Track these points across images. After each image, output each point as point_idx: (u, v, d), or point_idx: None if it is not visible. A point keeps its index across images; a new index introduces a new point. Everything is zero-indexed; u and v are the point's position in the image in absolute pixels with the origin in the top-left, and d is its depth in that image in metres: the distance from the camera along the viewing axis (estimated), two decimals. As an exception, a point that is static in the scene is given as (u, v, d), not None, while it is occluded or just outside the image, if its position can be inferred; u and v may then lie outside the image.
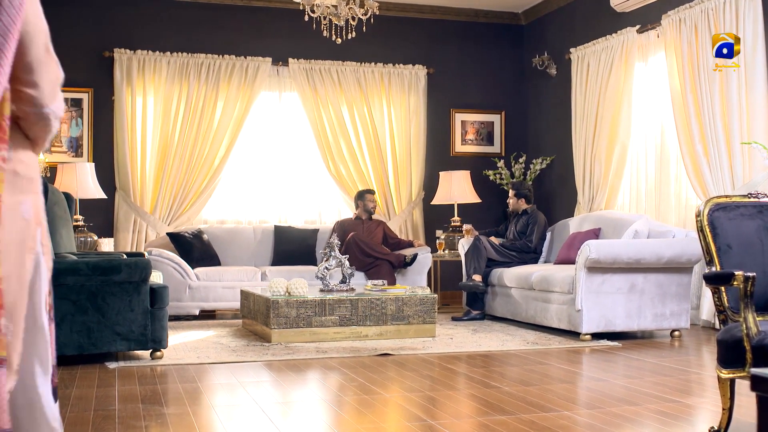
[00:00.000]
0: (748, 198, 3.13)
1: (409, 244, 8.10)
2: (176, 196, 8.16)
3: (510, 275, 6.85)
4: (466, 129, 9.27)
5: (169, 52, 8.20)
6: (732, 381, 2.85)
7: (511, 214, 7.74)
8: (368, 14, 6.64)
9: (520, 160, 9.05)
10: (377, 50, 8.82)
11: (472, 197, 8.57)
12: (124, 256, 5.17)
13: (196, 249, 7.62)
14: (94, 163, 7.79)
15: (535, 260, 7.40)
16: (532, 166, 8.94)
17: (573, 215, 8.09)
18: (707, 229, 2.98)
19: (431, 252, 8.08)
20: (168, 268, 7.11)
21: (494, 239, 7.42)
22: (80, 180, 7.42)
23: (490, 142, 9.34)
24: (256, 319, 6.16)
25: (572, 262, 6.34)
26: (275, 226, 8.27)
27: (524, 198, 7.56)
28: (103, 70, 8.12)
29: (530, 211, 7.53)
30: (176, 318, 7.11)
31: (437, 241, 8.52)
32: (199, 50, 8.32)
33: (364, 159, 8.72)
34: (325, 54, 8.55)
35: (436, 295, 6.18)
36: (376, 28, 7.74)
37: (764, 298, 2.99)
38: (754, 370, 2.16)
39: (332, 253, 6.27)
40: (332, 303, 5.84)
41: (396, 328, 5.95)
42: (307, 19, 6.76)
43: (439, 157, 9.09)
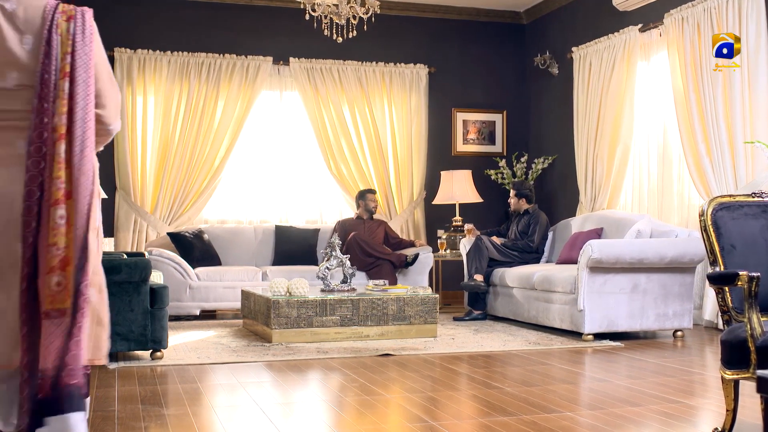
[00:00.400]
0: (752, 197, 3.11)
1: (411, 244, 8.08)
2: (177, 196, 8.15)
3: (512, 275, 6.83)
4: (467, 128, 9.25)
5: (169, 52, 8.19)
6: (736, 382, 2.82)
7: (513, 214, 7.71)
8: (369, 13, 6.62)
9: (522, 160, 9.03)
10: (378, 49, 8.80)
11: (473, 197, 8.54)
12: (125, 256, 5.14)
13: (196, 249, 7.61)
14: (95, 163, 7.77)
15: (537, 260, 7.38)
16: (533, 166, 8.91)
17: (575, 215, 8.07)
18: (711, 229, 2.96)
19: (432, 252, 8.06)
20: (168, 268, 7.10)
21: (496, 239, 7.40)
22: (81, 180, 7.39)
23: (492, 142, 9.32)
24: (256, 319, 6.14)
25: (574, 262, 6.31)
26: (276, 226, 8.25)
27: (525, 198, 7.54)
28: (104, 69, 8.10)
29: (532, 210, 7.51)
30: (177, 318, 7.09)
31: (439, 241, 8.49)
32: (200, 49, 8.30)
33: (366, 158, 8.70)
34: (326, 53, 8.52)
35: (437, 295, 6.16)
36: (378, 27, 7.72)
37: (769, 299, 2.97)
38: (761, 372, 2.14)
39: (333, 253, 6.25)
40: (333, 303, 5.82)
41: (397, 329, 5.93)
42: (308, 18, 6.73)
43: (441, 156, 9.07)
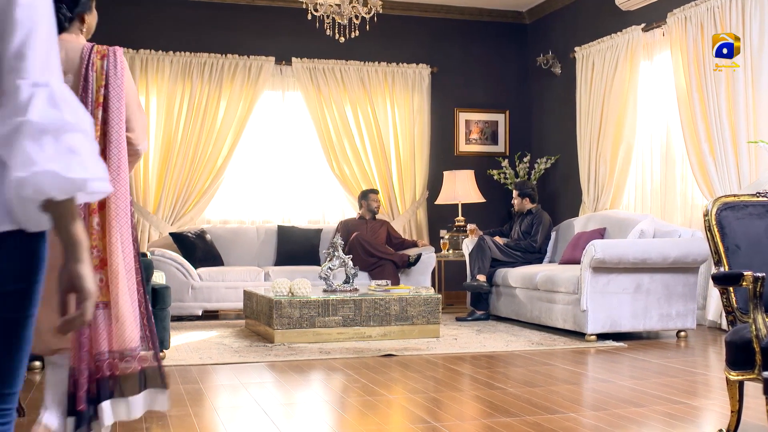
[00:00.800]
0: (757, 197, 3.09)
1: (413, 244, 8.06)
2: (179, 196, 8.14)
3: (514, 275, 6.82)
4: (470, 128, 9.23)
5: (171, 52, 8.18)
6: (741, 383, 2.81)
7: (516, 214, 7.69)
8: (371, 13, 6.61)
9: (525, 160, 9.01)
10: (381, 49, 8.79)
11: (476, 197, 8.53)
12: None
13: (199, 249, 7.60)
14: (97, 163, 7.76)
15: (540, 260, 7.36)
16: (536, 166, 8.90)
17: (578, 215, 8.05)
18: (715, 229, 2.94)
19: (435, 252, 8.04)
20: (171, 269, 7.09)
21: (498, 239, 7.38)
22: (83, 180, 7.38)
23: (495, 142, 9.30)
24: (259, 319, 6.12)
25: (577, 262, 6.30)
26: (278, 226, 8.24)
27: (528, 197, 7.52)
28: (106, 69, 8.09)
29: (535, 210, 7.49)
30: (179, 318, 7.08)
31: (441, 241, 8.48)
32: (202, 49, 8.29)
33: (368, 158, 8.68)
34: (329, 53, 8.51)
35: (440, 296, 6.14)
36: (380, 27, 7.71)
37: (773, 299, 2.95)
38: (766, 373, 2.12)
39: (336, 253, 6.23)
40: (336, 303, 5.81)
41: (400, 329, 5.91)
42: (310, 18, 6.73)
43: (443, 156, 9.06)
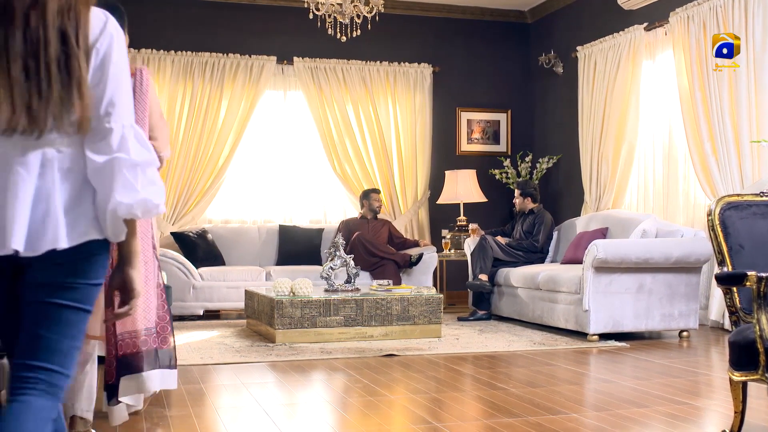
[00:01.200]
0: (760, 197, 3.07)
1: (415, 244, 8.05)
2: (180, 196, 8.12)
3: (516, 275, 6.80)
4: (472, 128, 9.22)
5: (173, 51, 8.16)
6: (744, 384, 2.79)
7: (518, 214, 7.68)
8: (373, 12, 6.59)
9: (527, 159, 8.99)
10: (382, 49, 8.77)
11: (478, 196, 8.51)
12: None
13: (200, 249, 7.59)
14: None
15: (542, 260, 7.34)
16: (538, 165, 8.88)
17: (580, 214, 8.03)
18: (719, 229, 2.92)
19: (437, 251, 8.03)
20: (172, 268, 7.08)
21: (500, 239, 7.37)
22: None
23: (497, 141, 9.29)
24: (260, 319, 6.11)
25: (579, 262, 6.28)
26: (280, 226, 8.23)
27: (530, 197, 7.50)
28: (107, 69, 8.08)
29: (537, 210, 7.47)
30: (180, 318, 7.07)
31: (443, 241, 8.46)
32: (204, 49, 8.27)
33: (370, 158, 8.67)
34: (330, 52, 8.50)
35: (441, 295, 6.13)
36: (382, 27, 7.69)
37: (777, 299, 2.93)
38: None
39: (337, 253, 6.22)
40: (337, 303, 5.79)
41: (401, 329, 5.90)
42: (311, 17, 6.71)
43: (445, 156, 9.04)
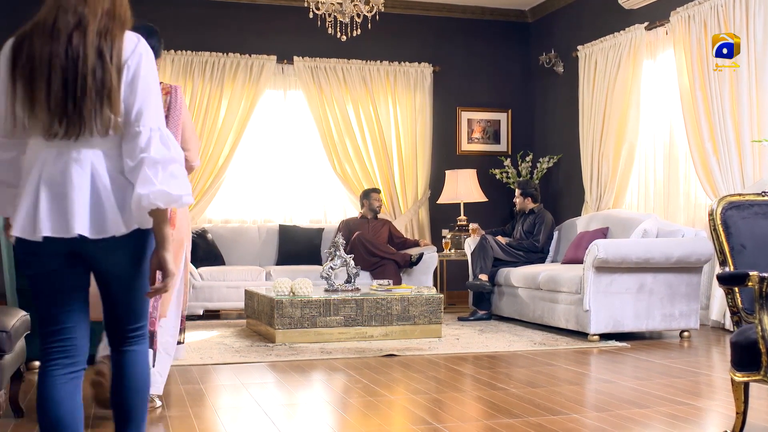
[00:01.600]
0: (762, 196, 3.06)
1: (415, 244, 8.03)
2: (180, 195, 8.09)
3: (517, 275, 6.79)
4: (472, 127, 9.20)
5: (173, 51, 8.14)
6: (746, 384, 2.78)
7: (518, 214, 7.66)
8: (373, 11, 6.57)
9: (527, 159, 8.98)
10: (383, 48, 8.76)
11: (478, 196, 8.50)
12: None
13: (200, 248, 7.57)
14: (98, 162, 7.74)
15: (542, 260, 7.33)
16: (539, 165, 8.86)
17: (580, 214, 8.02)
18: (720, 229, 2.91)
19: (437, 251, 8.02)
20: (172, 268, 7.05)
21: (501, 238, 7.35)
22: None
23: (497, 141, 9.27)
24: (260, 319, 6.10)
25: (580, 262, 6.27)
26: (280, 226, 8.21)
27: (531, 197, 7.48)
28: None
29: (537, 210, 7.46)
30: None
31: (443, 241, 8.45)
32: (204, 48, 8.26)
33: (370, 158, 8.66)
34: (330, 52, 8.48)
35: (442, 295, 6.12)
36: (382, 26, 7.68)
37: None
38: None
39: (337, 253, 6.21)
40: (337, 303, 5.78)
41: (401, 329, 5.89)
42: (311, 16, 6.70)
43: (445, 155, 9.03)
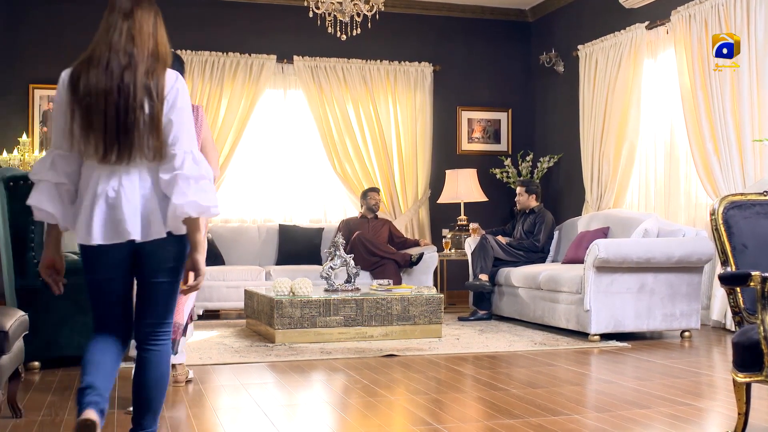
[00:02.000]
0: (764, 196, 3.04)
1: (415, 243, 8.02)
2: (180, 195, 8.08)
3: (517, 275, 6.77)
4: (472, 127, 9.19)
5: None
6: (748, 385, 2.76)
7: (519, 213, 7.65)
8: (373, 10, 6.56)
9: (528, 159, 8.96)
10: (383, 47, 8.74)
11: (478, 196, 8.48)
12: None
13: (199, 248, 7.55)
14: (98, 162, 7.72)
15: (543, 260, 7.31)
16: (539, 165, 8.85)
17: (581, 214, 8.00)
18: (722, 228, 2.89)
19: (437, 251, 8.00)
20: (171, 268, 7.04)
21: (501, 238, 7.33)
22: (83, 178, 7.35)
23: (497, 140, 9.26)
24: (259, 319, 6.09)
25: (580, 262, 6.25)
26: (280, 225, 8.20)
27: (535, 195, 7.47)
28: (107, 67, 8.05)
29: (538, 210, 7.44)
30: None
31: (443, 240, 8.43)
32: (203, 48, 8.24)
33: (370, 157, 8.64)
34: (330, 51, 8.47)
35: (442, 295, 6.10)
36: (382, 25, 7.66)
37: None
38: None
39: (337, 253, 6.19)
40: (337, 303, 5.77)
41: (401, 329, 5.87)
42: (311, 15, 6.68)
43: (446, 155, 9.01)
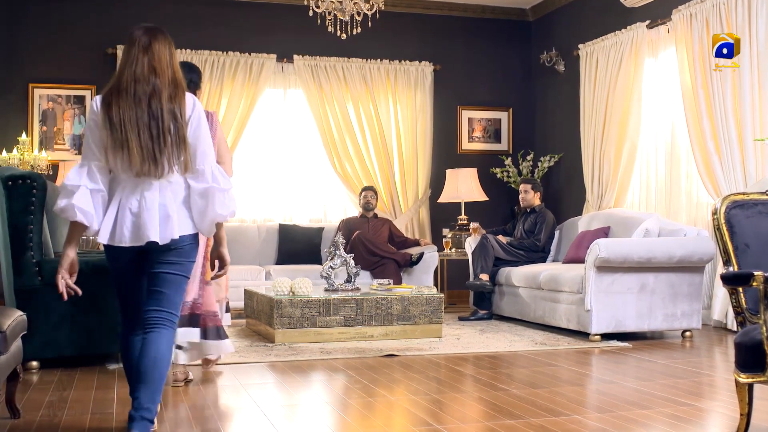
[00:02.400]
0: (767, 195, 3.02)
1: (416, 243, 8.00)
2: (180, 195, 8.07)
3: (518, 274, 6.76)
4: (473, 126, 9.17)
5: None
6: (750, 386, 2.75)
7: (519, 213, 7.63)
8: (374, 10, 6.54)
9: (528, 158, 8.95)
10: (383, 47, 8.73)
11: (479, 195, 8.46)
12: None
13: (199, 248, 7.54)
14: (97, 161, 7.70)
15: (543, 259, 7.29)
16: (539, 164, 8.83)
17: (581, 213, 7.98)
18: (724, 228, 2.87)
19: (438, 251, 7.99)
20: (171, 267, 7.02)
21: (502, 238, 7.32)
22: (83, 178, 7.33)
23: (498, 140, 9.24)
24: (259, 319, 6.07)
25: (581, 261, 6.23)
26: (280, 225, 8.18)
27: (539, 192, 7.45)
28: (106, 67, 7.99)
29: (538, 209, 7.42)
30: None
31: (444, 240, 8.41)
32: (203, 47, 8.23)
33: (370, 157, 8.63)
34: (331, 50, 8.45)
35: (442, 295, 6.08)
36: (382, 24, 7.64)
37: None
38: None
39: (337, 252, 6.18)
40: (337, 303, 5.75)
41: (402, 329, 5.86)
42: (311, 14, 6.66)
43: (446, 154, 9.00)
